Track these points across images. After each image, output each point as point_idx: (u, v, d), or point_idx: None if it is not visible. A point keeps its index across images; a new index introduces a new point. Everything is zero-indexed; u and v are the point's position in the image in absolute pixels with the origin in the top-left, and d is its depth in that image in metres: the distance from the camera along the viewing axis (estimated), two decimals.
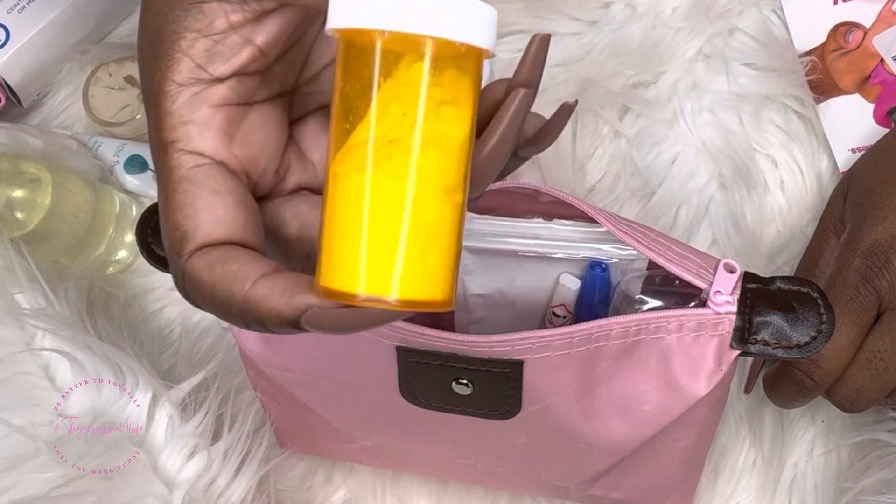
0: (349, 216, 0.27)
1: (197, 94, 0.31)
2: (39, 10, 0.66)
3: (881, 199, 0.49)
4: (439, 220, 0.28)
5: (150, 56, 0.31)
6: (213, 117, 0.31)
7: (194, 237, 0.30)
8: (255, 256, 0.30)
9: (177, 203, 0.30)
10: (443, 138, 0.27)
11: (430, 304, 0.28)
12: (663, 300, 0.45)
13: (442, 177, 0.27)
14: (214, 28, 0.31)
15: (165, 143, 0.31)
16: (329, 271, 0.28)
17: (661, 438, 0.44)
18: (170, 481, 0.47)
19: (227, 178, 0.31)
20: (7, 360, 0.49)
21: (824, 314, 0.40)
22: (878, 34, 0.60)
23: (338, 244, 0.28)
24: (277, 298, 0.28)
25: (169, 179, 0.31)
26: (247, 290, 0.29)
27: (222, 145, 0.31)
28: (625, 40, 0.64)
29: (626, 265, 0.46)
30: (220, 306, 0.29)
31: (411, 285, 0.27)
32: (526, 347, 0.41)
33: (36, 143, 0.61)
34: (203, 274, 0.29)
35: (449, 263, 0.28)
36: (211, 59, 0.31)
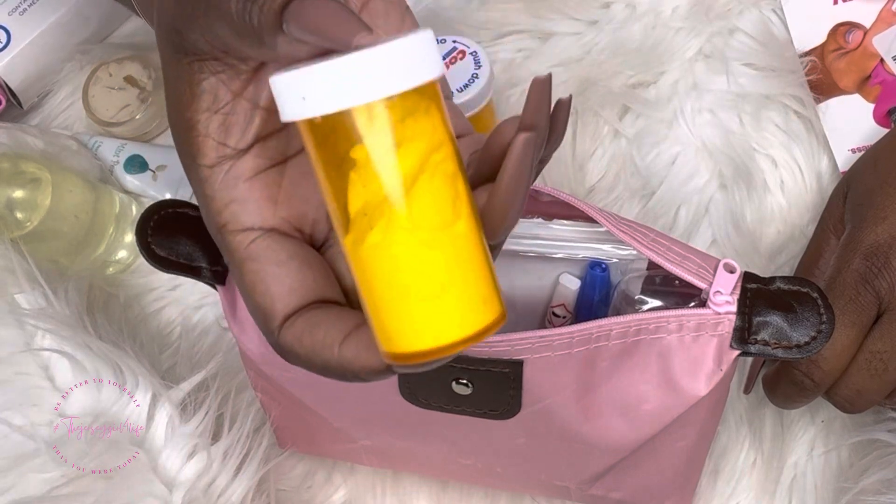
0: (376, 283, 0.28)
1: (228, 171, 0.32)
2: (41, 13, 0.66)
3: (881, 199, 0.49)
4: (457, 252, 0.28)
5: (180, 147, 0.33)
6: (252, 192, 0.32)
7: (275, 314, 0.32)
8: (336, 315, 0.31)
9: (249, 285, 0.32)
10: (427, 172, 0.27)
11: (487, 329, 0.28)
12: (663, 300, 0.45)
13: (442, 209, 0.27)
14: (220, 101, 0.32)
15: (218, 228, 0.33)
16: (387, 339, 0.29)
17: (661, 438, 0.44)
18: (170, 481, 0.47)
19: (283, 244, 0.32)
20: (7, 360, 0.49)
21: (824, 314, 0.40)
22: (878, 34, 0.60)
23: (380, 312, 0.28)
24: (365, 357, 0.30)
25: (233, 261, 0.32)
26: (337, 356, 0.31)
27: (268, 213, 0.32)
28: (625, 40, 0.64)
29: (626, 265, 0.46)
30: (320, 371, 0.31)
31: (463, 322, 0.28)
32: (526, 347, 0.41)
33: (36, 143, 0.61)
34: (296, 348, 0.31)
35: (483, 289, 0.28)
36: (228, 133, 0.32)
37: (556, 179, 0.61)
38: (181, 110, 0.32)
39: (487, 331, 0.28)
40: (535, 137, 0.29)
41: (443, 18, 0.66)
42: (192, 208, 0.43)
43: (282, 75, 0.27)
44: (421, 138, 0.27)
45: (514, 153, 0.29)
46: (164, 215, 0.43)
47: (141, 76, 0.65)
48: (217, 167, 0.32)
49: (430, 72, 0.27)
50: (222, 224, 0.32)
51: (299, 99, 0.26)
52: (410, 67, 0.26)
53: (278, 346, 0.32)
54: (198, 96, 0.32)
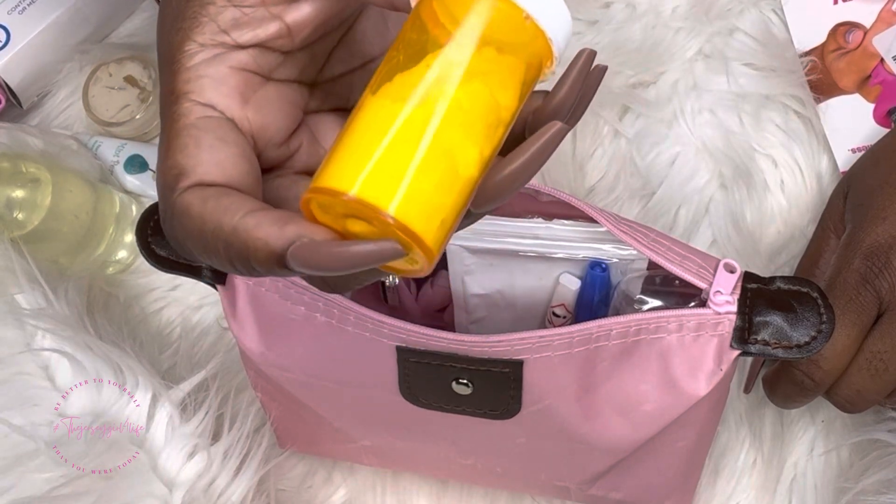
0: (369, 129, 0.27)
1: (217, 55, 0.31)
2: (40, 12, 0.66)
3: (881, 199, 0.49)
4: (455, 163, 0.27)
5: (172, 17, 0.31)
6: (230, 77, 0.31)
7: (192, 174, 0.29)
8: (251, 197, 0.29)
9: (179, 145, 0.29)
10: (486, 78, 0.28)
11: (417, 240, 0.26)
12: (663, 300, 0.45)
13: (472, 121, 0.27)
14: (246, 0, 0.30)
15: (177, 94, 0.30)
16: (327, 173, 0.27)
17: (661, 438, 0.44)
18: (170, 481, 0.47)
19: (234, 131, 0.30)
20: (7, 360, 0.49)
21: (824, 314, 0.40)
22: (878, 34, 0.60)
23: (347, 150, 0.27)
24: (267, 227, 0.27)
25: (174, 126, 0.30)
26: (236, 220, 0.28)
27: (235, 103, 0.31)
28: (625, 40, 0.64)
29: (626, 265, 0.46)
30: (206, 239, 0.28)
31: (408, 208, 0.26)
32: (526, 347, 0.41)
33: (36, 143, 0.61)
34: (194, 206, 0.28)
35: (449, 212, 0.27)
36: (237, 26, 0.31)
37: (556, 179, 0.61)
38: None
39: (414, 240, 0.26)
40: (565, 129, 0.28)
41: None
42: None
43: None
44: (509, 67, 0.28)
45: (540, 137, 0.28)
46: None
47: (141, 76, 0.65)
48: (208, 47, 0.31)
49: (560, 40, 0.29)
50: (185, 91, 0.30)
51: None
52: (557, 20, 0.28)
53: (174, 202, 0.29)
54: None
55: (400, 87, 0.27)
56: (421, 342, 0.41)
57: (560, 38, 0.29)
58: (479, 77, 0.27)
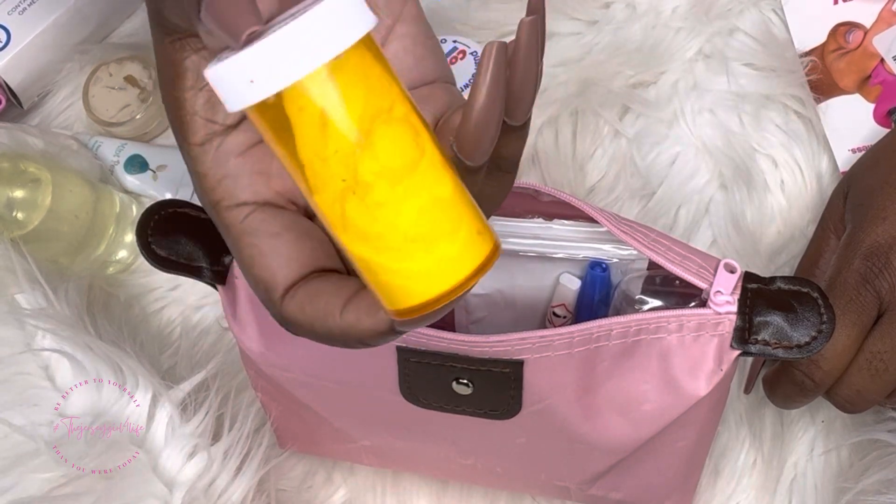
0: (365, 247, 0.28)
1: (218, 147, 0.32)
2: (40, 12, 0.66)
3: (881, 199, 0.49)
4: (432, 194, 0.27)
5: (173, 128, 0.33)
6: (243, 166, 0.32)
7: (276, 286, 0.32)
8: (335, 283, 0.31)
9: (246, 258, 0.32)
10: (381, 119, 0.27)
11: (487, 260, 0.28)
12: (663, 300, 0.45)
13: (401, 155, 0.27)
14: (203, 79, 0.32)
15: (213, 205, 0.33)
16: (387, 298, 0.28)
17: (662, 438, 0.44)
18: (170, 481, 0.47)
19: (277, 216, 0.32)
20: (7, 360, 0.49)
21: (824, 314, 0.40)
22: (878, 34, 0.60)
23: (375, 275, 0.28)
24: (367, 320, 0.30)
25: (230, 236, 0.33)
26: (339, 322, 0.30)
27: (261, 187, 0.33)
28: (625, 40, 0.64)
29: (627, 265, 0.46)
30: (325, 339, 0.31)
31: (461, 261, 0.28)
32: (526, 347, 0.41)
33: (36, 143, 0.61)
34: (299, 317, 0.31)
35: (473, 220, 0.28)
36: (214, 109, 0.32)
37: (556, 179, 0.61)
38: (169, 90, 0.32)
39: (486, 264, 0.28)
40: (505, 46, 0.28)
41: (443, 18, 0.66)
42: (193, 208, 0.43)
43: (217, 66, 0.26)
44: (369, 90, 0.27)
45: (488, 59, 0.28)
46: (164, 215, 0.43)
47: (141, 76, 0.65)
48: (207, 144, 0.32)
49: (363, 25, 0.27)
50: (216, 200, 0.32)
51: (247, 83, 0.26)
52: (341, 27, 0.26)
53: (282, 317, 0.32)
54: (181, 75, 0.32)
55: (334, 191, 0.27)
56: (421, 342, 0.41)
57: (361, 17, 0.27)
58: (372, 129, 0.27)
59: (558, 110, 0.62)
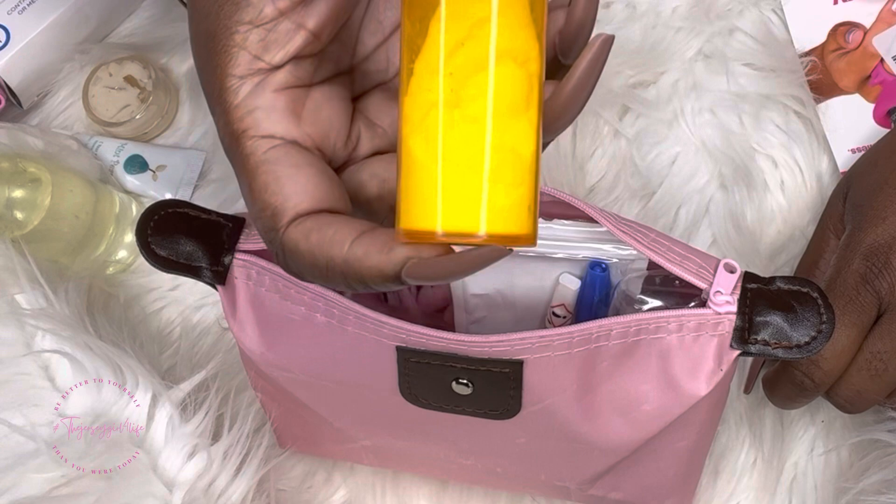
0: (424, 153, 0.27)
1: (258, 83, 0.32)
2: (40, 12, 0.66)
3: (881, 199, 0.49)
4: (516, 145, 0.27)
5: (206, 55, 0.32)
6: (278, 101, 0.32)
7: (285, 210, 0.31)
8: (347, 219, 0.31)
9: (260, 184, 0.31)
10: (510, 53, 0.27)
11: (515, 239, 0.27)
12: (663, 300, 0.45)
13: (513, 101, 0.27)
14: (265, 17, 0.31)
15: (237, 134, 0.32)
16: (408, 213, 0.28)
17: (662, 438, 0.44)
18: (170, 481, 0.47)
19: (302, 153, 0.32)
20: (7, 360, 0.49)
21: (824, 314, 0.40)
22: (878, 34, 0.60)
23: (414, 183, 0.27)
24: (376, 255, 0.29)
25: (247, 166, 0.32)
26: (345, 253, 0.30)
27: (291, 125, 0.32)
28: (625, 40, 0.64)
29: (626, 265, 0.45)
30: (322, 272, 0.30)
31: (495, 218, 0.27)
32: (526, 347, 0.41)
33: (36, 143, 0.61)
34: (301, 243, 0.30)
35: (529, 194, 0.27)
36: (266, 49, 0.31)
37: (556, 179, 0.61)
38: (219, 19, 0.31)
39: (512, 240, 0.27)
40: (612, 39, 0.29)
41: None
42: (193, 208, 0.43)
43: None
44: (521, 27, 0.27)
45: (593, 51, 0.29)
46: (164, 215, 0.43)
47: (141, 76, 0.65)
48: (247, 78, 0.32)
49: None
50: (243, 129, 0.32)
51: None
52: None
53: (281, 244, 0.31)
54: (242, 8, 0.31)
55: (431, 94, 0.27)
56: (421, 342, 0.41)
57: None
58: (500, 55, 0.27)
59: None
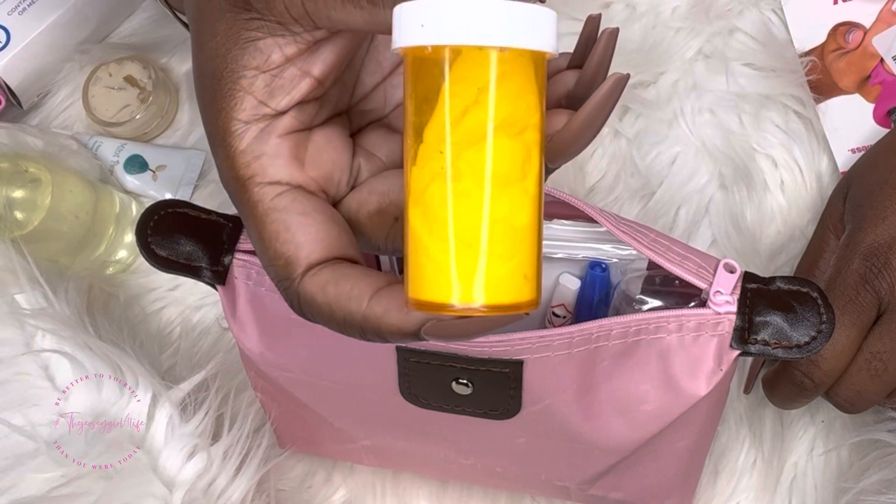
0: (421, 226, 0.28)
1: (263, 129, 0.32)
2: (40, 12, 0.66)
3: (881, 199, 0.49)
4: (509, 216, 0.28)
5: (210, 96, 0.32)
6: (282, 147, 0.32)
7: (298, 261, 0.31)
8: (363, 272, 0.31)
9: (271, 233, 0.31)
10: (506, 124, 0.27)
11: (516, 307, 0.28)
12: (663, 300, 0.45)
13: (509, 168, 0.27)
14: (272, 63, 0.31)
15: (243, 181, 0.32)
16: (414, 282, 0.28)
17: (662, 438, 0.44)
18: (170, 481, 0.47)
19: (309, 199, 0.32)
20: (7, 360, 0.49)
21: (824, 314, 0.40)
22: (878, 34, 0.60)
23: (414, 255, 0.28)
24: (395, 315, 0.29)
25: (256, 213, 0.32)
26: (364, 310, 0.30)
27: (296, 170, 0.32)
28: (625, 40, 0.64)
29: (626, 265, 0.46)
30: (340, 324, 0.31)
31: (492, 290, 0.27)
32: (526, 347, 0.41)
33: (36, 143, 0.61)
34: (318, 296, 0.31)
35: (526, 262, 0.28)
36: (272, 95, 0.32)
37: (556, 179, 0.61)
38: (226, 63, 0.32)
39: (513, 308, 0.28)
40: (625, 78, 0.30)
41: None
42: (193, 208, 0.43)
43: (409, 3, 0.27)
44: (521, 98, 0.28)
45: (607, 86, 0.29)
46: (164, 215, 0.43)
47: (141, 76, 0.65)
48: (252, 123, 0.32)
49: (547, 44, 0.28)
50: (249, 176, 0.32)
51: (418, 26, 0.27)
52: (535, 31, 0.27)
53: (297, 294, 0.31)
54: (249, 53, 0.31)
55: (433, 165, 0.28)
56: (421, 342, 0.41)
57: (547, 36, 0.28)
58: (495, 128, 0.27)
59: None
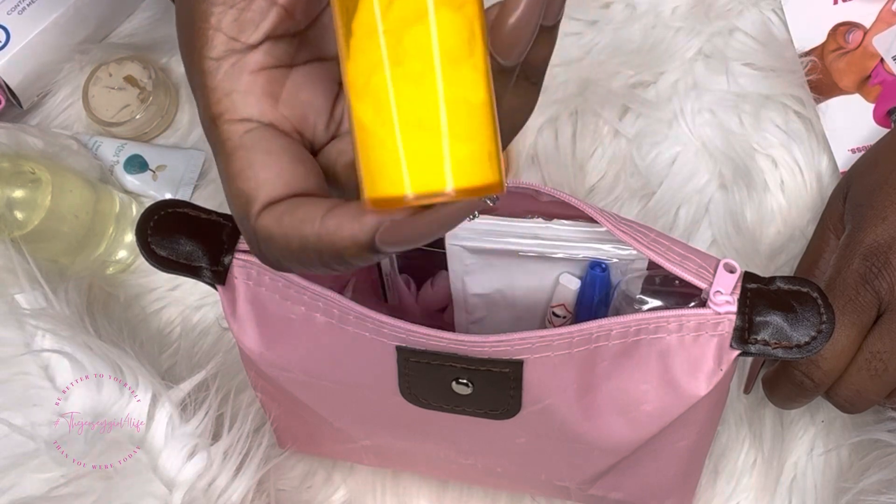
0: (373, 119, 0.27)
1: (234, 64, 0.31)
2: (40, 12, 0.66)
3: (881, 199, 0.49)
4: (466, 94, 0.26)
5: (186, 42, 0.32)
6: (255, 83, 0.32)
7: (258, 197, 0.31)
8: (318, 199, 0.30)
9: (234, 170, 0.31)
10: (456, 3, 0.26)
11: (485, 189, 0.26)
12: (663, 300, 0.45)
13: (456, 44, 0.26)
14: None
15: (214, 117, 0.32)
16: (371, 182, 0.27)
17: (662, 438, 0.44)
18: (170, 481, 0.47)
19: (278, 137, 0.31)
20: (7, 360, 0.49)
21: (824, 314, 0.40)
22: (878, 34, 0.60)
23: (370, 151, 0.27)
24: (349, 225, 0.28)
25: (223, 150, 0.31)
26: (317, 228, 0.29)
27: (268, 107, 0.32)
28: (625, 40, 0.64)
29: (626, 265, 0.45)
30: (296, 254, 0.30)
31: (459, 172, 0.26)
32: (526, 347, 0.41)
33: (36, 143, 0.61)
34: (273, 227, 0.30)
35: (490, 141, 0.27)
36: (241, 28, 0.31)
37: (556, 179, 0.61)
38: (196, 3, 0.31)
39: (482, 190, 0.26)
40: None
41: None
42: (192, 208, 0.43)
43: None
44: None
45: None
46: (164, 215, 0.43)
47: (141, 76, 0.65)
48: (223, 59, 0.32)
49: None
50: (219, 113, 0.32)
51: None
52: None
53: (253, 230, 0.31)
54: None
55: (371, 55, 0.26)
56: (421, 342, 0.41)
57: None
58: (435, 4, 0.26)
59: (558, 110, 0.62)
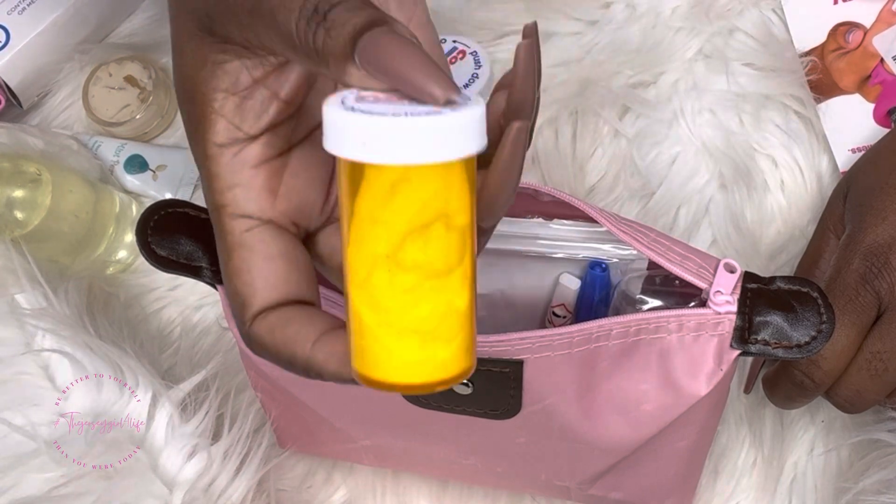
0: (368, 313, 0.29)
1: (236, 155, 0.32)
2: (40, 12, 0.66)
3: (881, 199, 0.49)
4: (452, 300, 0.28)
5: (188, 118, 0.33)
6: (255, 178, 0.33)
7: (252, 304, 0.32)
8: (311, 315, 0.32)
9: (234, 269, 0.32)
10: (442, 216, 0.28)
11: (462, 375, 0.29)
12: (663, 300, 0.45)
13: (448, 256, 0.28)
14: (240, 85, 0.32)
15: (217, 207, 0.33)
16: (361, 360, 0.29)
17: (662, 438, 0.44)
18: (170, 481, 0.47)
19: (276, 238, 0.33)
20: (7, 360, 0.49)
21: (824, 314, 0.40)
22: (878, 34, 0.60)
23: (361, 336, 0.29)
24: (335, 364, 0.30)
25: (225, 244, 0.33)
26: (307, 354, 0.31)
27: (267, 204, 0.33)
28: (625, 40, 0.64)
29: (626, 265, 0.46)
30: (285, 364, 0.32)
31: (436, 369, 0.29)
32: (526, 347, 0.41)
33: (36, 143, 0.61)
34: (265, 339, 0.32)
35: (467, 339, 0.29)
36: (243, 118, 0.32)
37: (556, 179, 0.61)
38: (196, 85, 0.32)
39: (456, 379, 0.29)
40: (528, 125, 0.29)
41: (443, 18, 0.66)
42: (192, 208, 0.43)
43: (345, 114, 0.26)
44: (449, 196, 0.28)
45: (509, 141, 0.29)
46: (164, 215, 0.43)
47: (141, 76, 0.65)
48: (226, 148, 0.32)
49: (474, 146, 0.27)
50: (223, 204, 0.33)
51: (359, 143, 0.26)
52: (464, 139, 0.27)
53: (247, 335, 0.33)
54: (218, 76, 0.32)
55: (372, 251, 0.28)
56: None
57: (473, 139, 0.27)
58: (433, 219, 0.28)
59: (558, 110, 0.62)
